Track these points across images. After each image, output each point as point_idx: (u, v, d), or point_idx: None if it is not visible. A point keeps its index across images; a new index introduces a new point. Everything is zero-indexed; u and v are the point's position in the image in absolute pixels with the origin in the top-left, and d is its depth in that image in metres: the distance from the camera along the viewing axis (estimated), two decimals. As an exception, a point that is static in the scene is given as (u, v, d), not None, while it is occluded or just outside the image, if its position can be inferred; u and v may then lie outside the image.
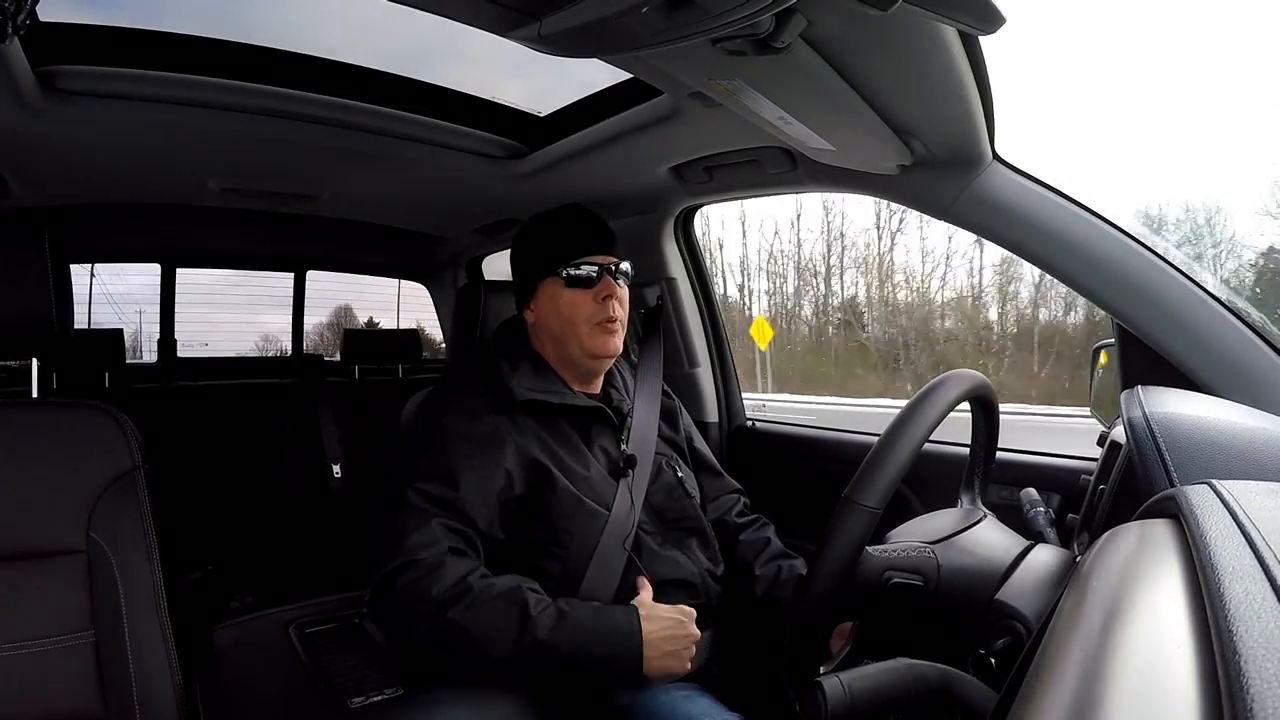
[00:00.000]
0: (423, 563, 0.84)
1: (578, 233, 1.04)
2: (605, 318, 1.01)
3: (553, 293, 1.02)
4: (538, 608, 0.84)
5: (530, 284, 1.05)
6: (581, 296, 1.01)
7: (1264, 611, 0.25)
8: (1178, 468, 0.57)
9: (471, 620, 0.82)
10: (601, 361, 1.05)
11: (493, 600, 0.83)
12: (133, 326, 2.71)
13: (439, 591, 0.82)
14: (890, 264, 11.36)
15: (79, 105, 1.00)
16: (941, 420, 0.65)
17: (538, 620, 0.82)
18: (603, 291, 1.01)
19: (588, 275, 1.01)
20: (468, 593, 0.83)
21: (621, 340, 1.04)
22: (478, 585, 0.84)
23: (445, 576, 0.83)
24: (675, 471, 1.08)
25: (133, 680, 0.90)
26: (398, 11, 0.66)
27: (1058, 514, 1.01)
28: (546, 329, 1.04)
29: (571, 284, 1.01)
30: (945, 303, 10.83)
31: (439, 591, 0.82)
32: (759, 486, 1.29)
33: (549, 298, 1.03)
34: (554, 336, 1.03)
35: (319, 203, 1.63)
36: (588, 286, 1.01)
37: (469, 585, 0.84)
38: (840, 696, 0.55)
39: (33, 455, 0.92)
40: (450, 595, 0.82)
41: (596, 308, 1.01)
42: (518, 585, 0.86)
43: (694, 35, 0.56)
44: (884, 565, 0.67)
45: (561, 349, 1.03)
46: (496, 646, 0.82)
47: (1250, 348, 0.88)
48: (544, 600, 0.86)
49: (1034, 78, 10.12)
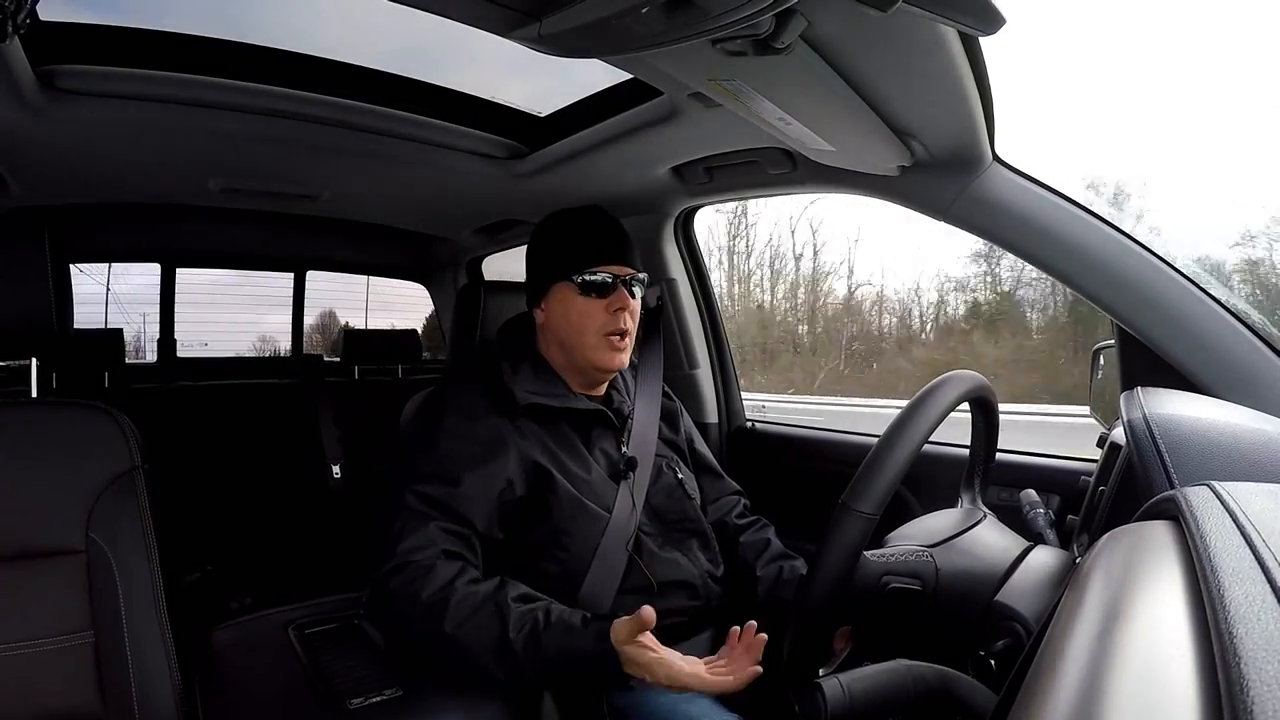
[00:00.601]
0: (416, 565, 0.84)
1: (597, 238, 1.03)
2: (615, 330, 1.00)
3: (564, 297, 1.01)
4: (516, 627, 0.81)
5: (543, 283, 1.04)
6: (593, 305, 1.00)
7: (1264, 613, 0.25)
8: (1177, 469, 0.57)
9: (453, 626, 0.82)
10: (605, 374, 1.05)
11: (474, 613, 0.82)
12: (135, 326, 2.72)
13: (427, 595, 0.83)
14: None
15: (79, 105, 1.00)
16: (940, 423, 0.64)
17: (514, 642, 0.81)
18: (615, 303, 1.00)
19: (603, 283, 1.00)
20: (449, 597, 0.83)
21: (628, 357, 1.04)
22: (462, 592, 0.83)
23: (433, 580, 0.83)
24: (676, 473, 1.08)
25: (132, 680, 0.90)
26: (398, 11, 0.66)
27: (1057, 515, 1.01)
28: (554, 332, 1.03)
29: (585, 291, 1.00)
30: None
31: (427, 595, 0.83)
32: (759, 487, 1.29)
33: (560, 301, 1.02)
34: (561, 340, 1.03)
35: (319, 203, 1.63)
36: (601, 295, 1.00)
37: (454, 590, 0.83)
38: (840, 698, 0.55)
39: (32, 455, 0.92)
40: (436, 600, 0.82)
41: (607, 319, 1.00)
42: (501, 595, 0.84)
43: (694, 35, 0.56)
44: (881, 570, 0.67)
45: (567, 354, 1.03)
46: (479, 659, 0.81)
47: (1250, 349, 0.88)
48: (526, 615, 0.83)
49: (1037, 78, 10.13)
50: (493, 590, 0.85)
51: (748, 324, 10.23)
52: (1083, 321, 6.94)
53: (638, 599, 0.95)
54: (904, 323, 9.75)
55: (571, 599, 0.92)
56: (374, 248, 2.28)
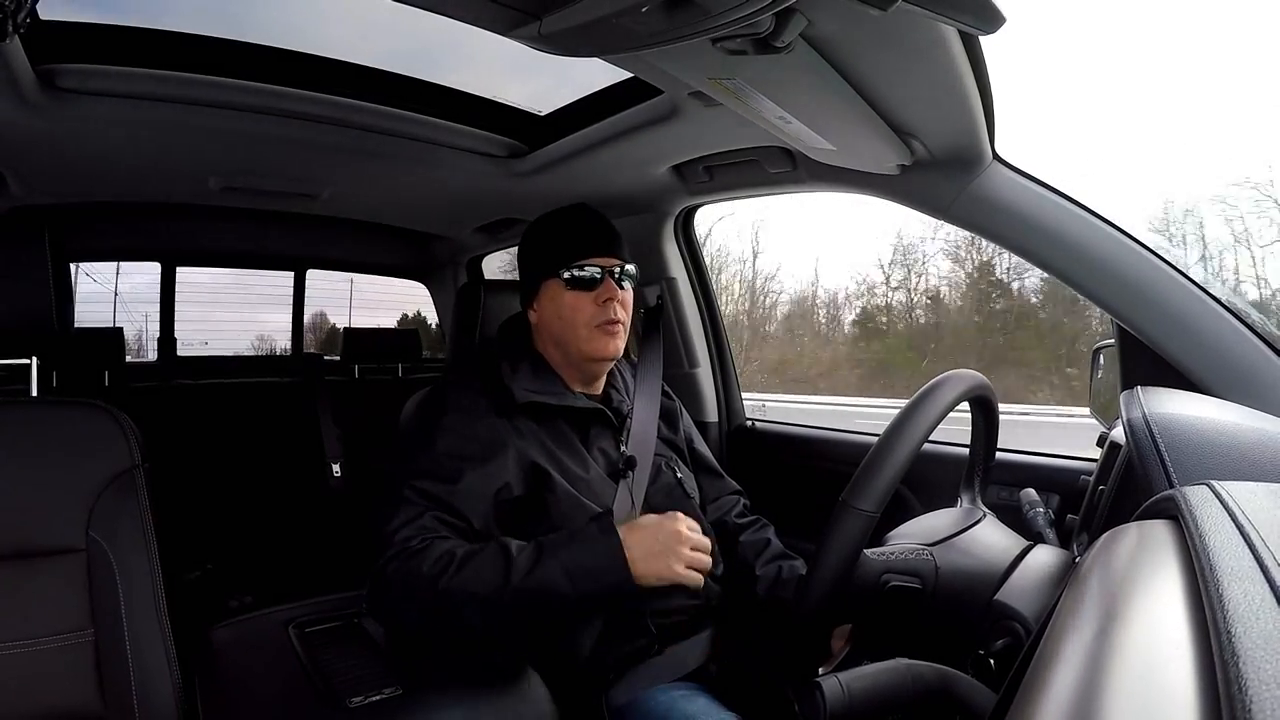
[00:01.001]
0: (411, 549, 0.85)
1: (581, 233, 1.03)
2: (605, 320, 1.00)
3: (554, 294, 1.02)
4: (518, 550, 0.85)
5: (533, 284, 1.05)
6: (581, 299, 1.00)
7: (1262, 612, 0.25)
8: (1177, 468, 0.57)
9: (460, 582, 0.82)
10: (602, 364, 1.05)
11: (476, 556, 0.84)
12: (137, 325, 2.72)
13: (428, 567, 0.83)
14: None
15: (79, 104, 1.00)
16: (939, 422, 0.64)
17: (518, 561, 0.83)
18: (603, 294, 1.00)
19: (590, 277, 1.00)
20: (452, 559, 0.84)
21: (623, 343, 1.04)
22: (461, 551, 0.85)
23: (431, 554, 0.84)
24: (674, 472, 1.08)
25: (132, 679, 0.90)
26: (398, 10, 0.66)
27: (1057, 514, 1.01)
28: (548, 330, 1.04)
29: (572, 285, 1.00)
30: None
31: (428, 567, 0.83)
32: (758, 486, 1.29)
33: (550, 298, 1.02)
34: (554, 337, 1.03)
35: (319, 202, 1.63)
36: (588, 289, 1.00)
37: (453, 553, 0.85)
38: (839, 697, 0.55)
39: (32, 454, 0.92)
40: (438, 567, 0.83)
41: (596, 310, 1.00)
42: (500, 539, 0.87)
43: (694, 34, 0.56)
44: (881, 569, 0.67)
45: (563, 350, 1.03)
46: (487, 596, 0.82)
47: (1250, 349, 0.88)
48: (525, 544, 0.86)
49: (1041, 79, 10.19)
50: (490, 543, 0.87)
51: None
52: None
53: (636, 598, 0.95)
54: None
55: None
56: (374, 246, 2.28)
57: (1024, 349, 8.13)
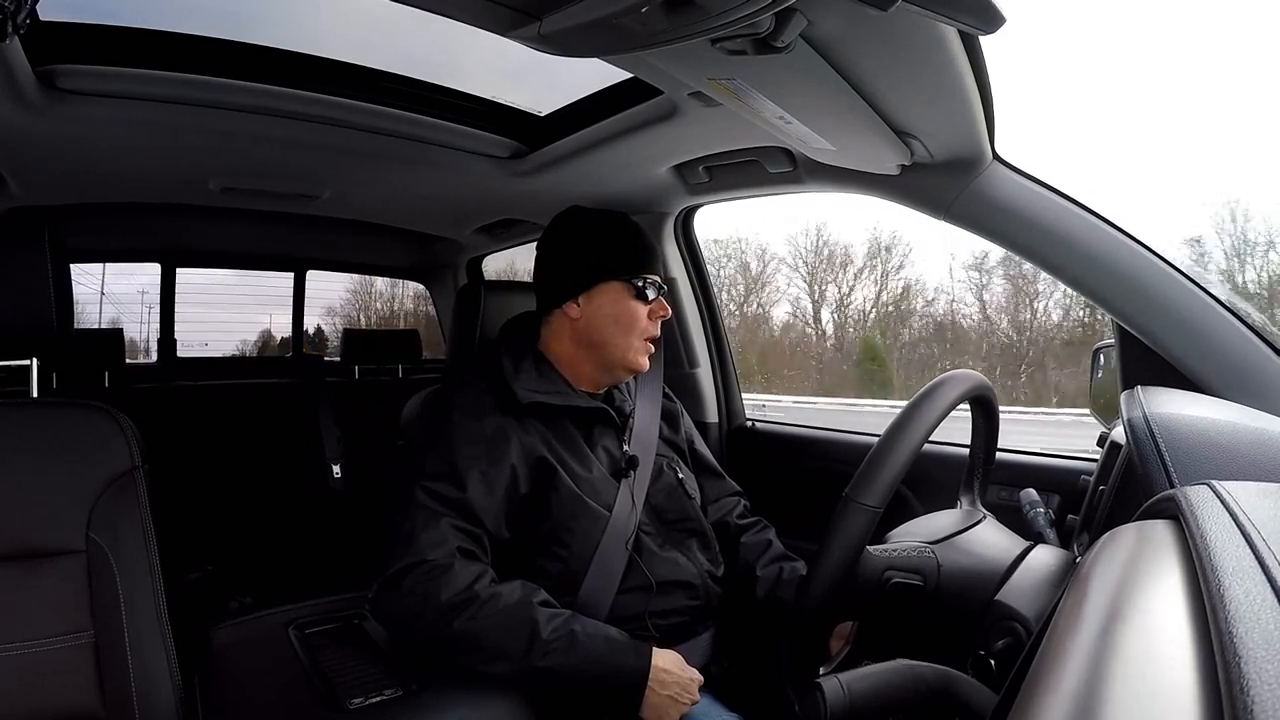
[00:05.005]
0: (432, 564, 0.84)
1: (646, 246, 1.05)
2: (652, 336, 1.04)
3: (616, 296, 1.01)
4: (548, 628, 0.83)
5: (587, 280, 1.02)
6: (641, 310, 1.02)
7: (1264, 612, 0.25)
8: (1177, 468, 0.57)
9: (477, 633, 0.82)
10: (629, 375, 1.07)
11: (500, 614, 0.83)
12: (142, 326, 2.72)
13: (447, 597, 0.82)
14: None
15: (79, 104, 1.00)
16: (942, 420, 0.65)
17: (547, 644, 0.83)
18: (658, 311, 1.04)
19: (655, 292, 1.03)
20: (473, 601, 0.83)
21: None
22: (485, 594, 0.84)
23: (454, 581, 0.83)
24: (676, 473, 1.08)
25: (132, 680, 0.90)
26: (398, 11, 0.67)
27: (1057, 515, 1.01)
28: (590, 329, 1.02)
29: (639, 295, 1.02)
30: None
31: (447, 597, 0.82)
32: (759, 487, 1.29)
33: (611, 300, 1.01)
34: (596, 339, 1.02)
35: (319, 202, 1.63)
36: (648, 302, 1.03)
37: (476, 594, 0.83)
38: (840, 697, 0.55)
39: (32, 455, 0.92)
40: (457, 602, 0.82)
41: (648, 324, 1.03)
42: (527, 599, 0.86)
43: (694, 35, 0.56)
44: (884, 565, 0.67)
45: (596, 351, 1.02)
46: (499, 663, 0.82)
47: (1250, 348, 0.88)
48: (556, 617, 0.85)
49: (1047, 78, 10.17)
50: (521, 593, 0.86)
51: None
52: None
53: (637, 598, 0.95)
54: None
55: (571, 598, 0.92)
56: (374, 247, 2.28)
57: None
